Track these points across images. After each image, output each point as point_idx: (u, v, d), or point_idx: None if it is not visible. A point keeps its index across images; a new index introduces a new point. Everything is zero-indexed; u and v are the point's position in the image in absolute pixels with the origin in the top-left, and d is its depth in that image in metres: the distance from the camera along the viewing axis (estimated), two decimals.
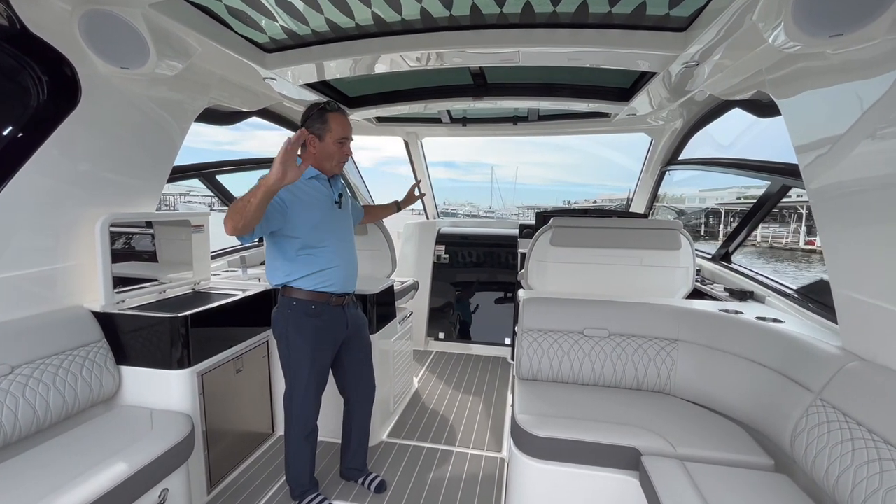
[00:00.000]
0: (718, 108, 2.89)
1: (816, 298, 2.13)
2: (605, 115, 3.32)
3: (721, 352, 2.02)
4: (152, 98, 2.05)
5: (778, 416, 1.64)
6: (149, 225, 2.32)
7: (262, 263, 3.09)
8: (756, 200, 2.82)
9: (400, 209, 2.58)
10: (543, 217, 4.04)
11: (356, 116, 3.32)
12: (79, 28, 1.61)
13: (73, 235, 1.94)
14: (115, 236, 2.03)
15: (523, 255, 3.85)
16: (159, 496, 1.69)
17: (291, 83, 2.45)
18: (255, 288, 2.52)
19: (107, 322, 1.97)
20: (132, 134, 2.06)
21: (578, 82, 2.81)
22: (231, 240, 3.53)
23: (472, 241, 4.45)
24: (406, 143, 4.41)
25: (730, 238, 3.19)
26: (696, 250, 2.66)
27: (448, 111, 3.57)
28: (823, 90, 1.47)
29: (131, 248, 2.27)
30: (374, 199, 5.09)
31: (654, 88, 2.45)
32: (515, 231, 4.46)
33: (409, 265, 4.44)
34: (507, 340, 4.22)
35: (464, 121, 3.84)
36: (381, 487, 2.20)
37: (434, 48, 2.00)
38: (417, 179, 2.62)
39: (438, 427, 2.85)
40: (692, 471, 1.52)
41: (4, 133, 1.66)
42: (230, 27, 1.91)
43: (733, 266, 3.05)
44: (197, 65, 2.05)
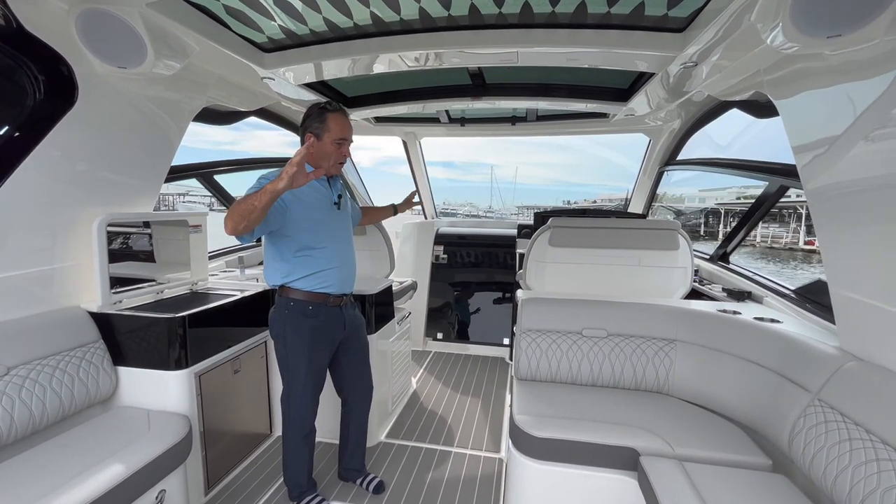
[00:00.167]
0: (716, 109, 2.90)
1: (814, 299, 2.13)
2: (603, 115, 3.32)
3: (719, 352, 2.02)
4: (150, 97, 2.04)
5: (776, 416, 1.64)
6: (146, 225, 2.31)
7: (260, 264, 3.08)
8: (754, 201, 2.83)
9: (397, 213, 2.61)
10: (542, 217, 4.04)
11: (354, 116, 3.32)
12: (76, 27, 1.61)
13: (69, 235, 1.93)
14: (112, 236, 2.03)
15: (521, 256, 3.84)
16: (157, 497, 1.68)
17: (289, 83, 2.44)
18: (253, 288, 2.51)
19: (104, 322, 1.96)
20: (129, 133, 2.05)
21: (577, 83, 2.81)
22: (229, 240, 3.53)
23: (470, 242, 4.45)
24: (404, 143, 4.40)
25: (728, 238, 3.19)
26: (695, 251, 2.66)
27: (446, 111, 3.57)
28: (821, 91, 1.47)
29: (128, 248, 2.26)
30: (373, 200, 5.09)
31: (653, 89, 2.45)
32: (514, 231, 4.46)
33: (407, 265, 4.43)
34: (506, 340, 4.22)
35: (462, 121, 3.84)
36: (380, 488, 2.20)
37: (433, 48, 2.00)
38: (417, 189, 2.64)
39: (437, 427, 2.85)
40: (690, 471, 1.53)
41: (1, 133, 1.65)
42: (228, 27, 1.90)
43: (731, 266, 3.05)
44: (195, 64, 2.04)
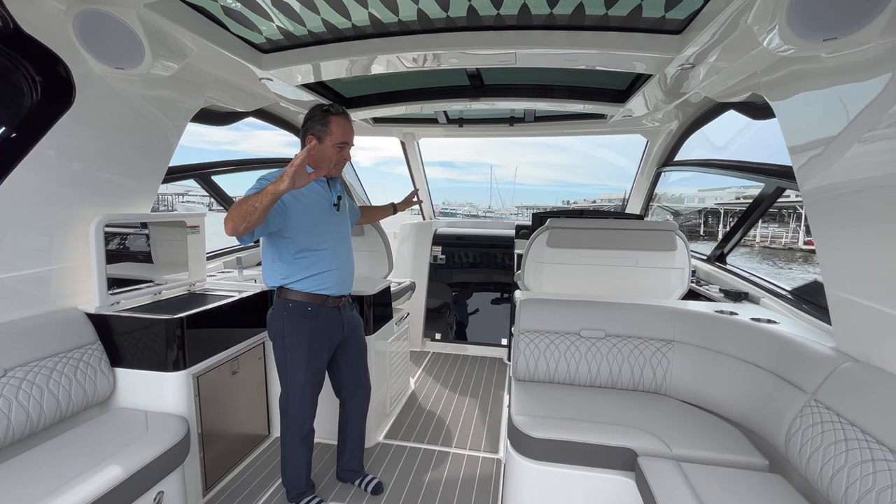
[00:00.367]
0: (713, 110, 2.91)
1: (810, 300, 2.14)
2: (601, 116, 3.33)
3: (716, 352, 2.03)
4: (147, 98, 2.04)
5: (772, 416, 1.65)
6: (144, 226, 2.31)
7: (258, 264, 3.08)
8: (752, 201, 2.84)
9: (396, 212, 2.59)
10: (540, 218, 4.04)
11: (353, 117, 3.31)
12: (73, 28, 1.60)
13: (67, 236, 1.92)
14: (109, 237, 2.02)
15: (519, 256, 3.85)
16: (155, 499, 1.68)
17: (288, 84, 2.44)
18: (251, 289, 2.51)
19: (101, 324, 1.95)
20: (127, 134, 2.05)
21: (575, 84, 2.82)
22: (227, 241, 3.53)
23: (468, 242, 4.45)
24: (403, 144, 4.41)
25: (725, 239, 3.21)
26: (692, 251, 2.67)
27: (445, 112, 3.57)
28: (817, 93, 1.48)
29: (126, 249, 2.25)
30: (372, 200, 5.08)
31: (650, 90, 2.46)
32: (512, 232, 4.46)
33: (405, 266, 4.43)
34: (504, 341, 4.22)
35: (460, 122, 3.84)
36: (378, 489, 2.20)
37: (431, 49, 2.00)
38: (416, 188, 2.63)
39: (435, 428, 2.85)
40: (688, 471, 1.53)
41: None
42: (226, 27, 1.90)
43: (728, 267, 3.06)
44: (192, 65, 2.04)
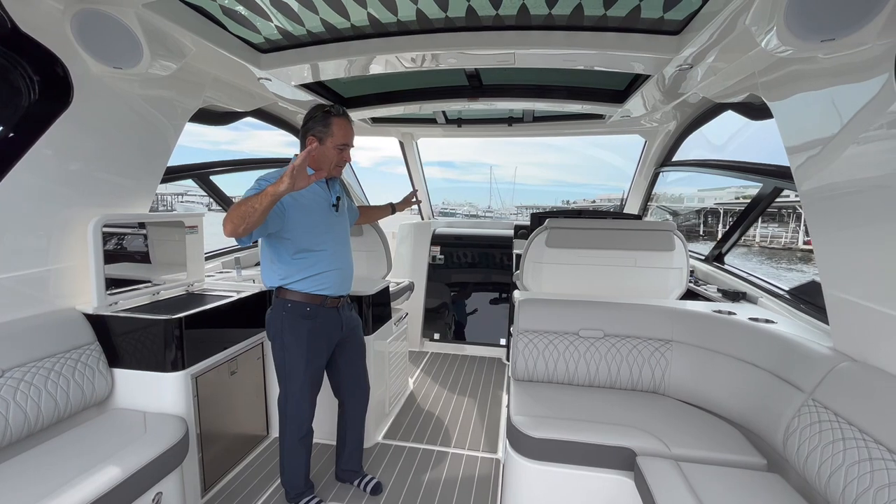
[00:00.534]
0: (711, 111, 2.92)
1: (808, 299, 2.15)
2: (599, 116, 3.33)
3: (714, 352, 2.04)
4: (145, 98, 2.03)
5: (770, 416, 1.66)
6: (142, 226, 2.30)
7: (257, 265, 3.08)
8: (750, 201, 2.85)
9: (395, 212, 2.58)
10: (538, 218, 4.05)
11: (351, 117, 3.31)
12: (71, 27, 1.60)
13: (65, 236, 1.92)
14: (107, 237, 2.01)
15: (518, 256, 3.85)
16: (153, 500, 1.67)
17: (286, 84, 2.44)
18: (250, 289, 2.50)
19: (99, 324, 1.95)
20: (125, 134, 2.04)
21: (573, 84, 2.82)
22: (226, 241, 3.52)
23: (467, 242, 4.45)
24: (401, 144, 4.41)
25: (723, 239, 3.22)
26: (690, 251, 2.67)
27: (443, 112, 3.57)
28: (815, 93, 1.48)
29: (124, 249, 2.25)
30: (371, 200, 5.08)
31: (648, 91, 2.46)
32: (510, 232, 4.46)
33: (404, 266, 4.43)
34: (502, 341, 4.22)
35: (459, 122, 3.84)
36: (377, 489, 2.20)
37: (429, 49, 2.00)
38: (415, 189, 2.62)
39: (434, 428, 2.85)
40: (686, 471, 1.54)
41: None
42: (224, 27, 1.90)
43: (726, 267, 3.07)
44: (191, 65, 2.04)
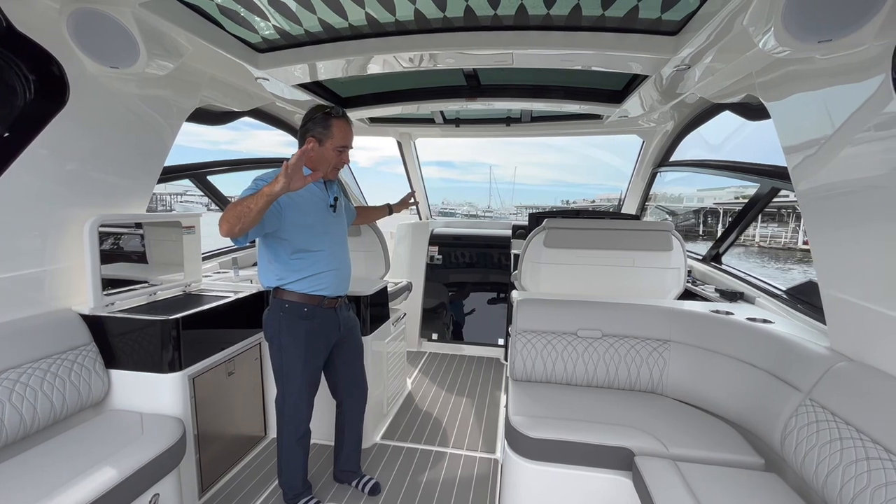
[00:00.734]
0: (709, 111, 2.92)
1: (805, 299, 2.15)
2: (597, 116, 3.34)
3: (712, 352, 2.04)
4: (142, 97, 2.03)
5: (768, 415, 1.66)
6: (139, 226, 2.29)
7: (254, 265, 3.06)
8: (747, 201, 2.85)
9: (392, 212, 2.56)
10: (536, 218, 4.05)
11: (349, 117, 3.31)
12: (67, 27, 1.59)
13: (60, 236, 1.90)
14: (103, 237, 2.00)
15: (516, 256, 3.85)
16: (150, 501, 1.66)
17: (284, 83, 2.43)
18: (247, 290, 2.50)
19: (95, 325, 1.94)
20: (122, 134, 2.03)
21: (571, 84, 2.82)
22: (223, 241, 3.50)
23: (465, 242, 4.45)
24: (399, 144, 4.40)
25: (720, 239, 3.22)
26: (688, 251, 2.68)
27: (441, 112, 3.57)
28: (812, 94, 1.49)
29: (121, 250, 2.24)
30: (370, 200, 5.07)
31: (646, 91, 2.47)
32: (508, 232, 4.46)
33: (402, 266, 4.43)
34: (500, 341, 4.22)
35: (457, 122, 3.84)
36: (375, 490, 2.19)
37: (427, 49, 2.00)
38: (413, 190, 2.61)
39: (432, 428, 2.85)
40: (684, 470, 1.54)
41: None
42: (222, 27, 1.89)
43: (723, 267, 3.08)
44: (188, 64, 2.03)
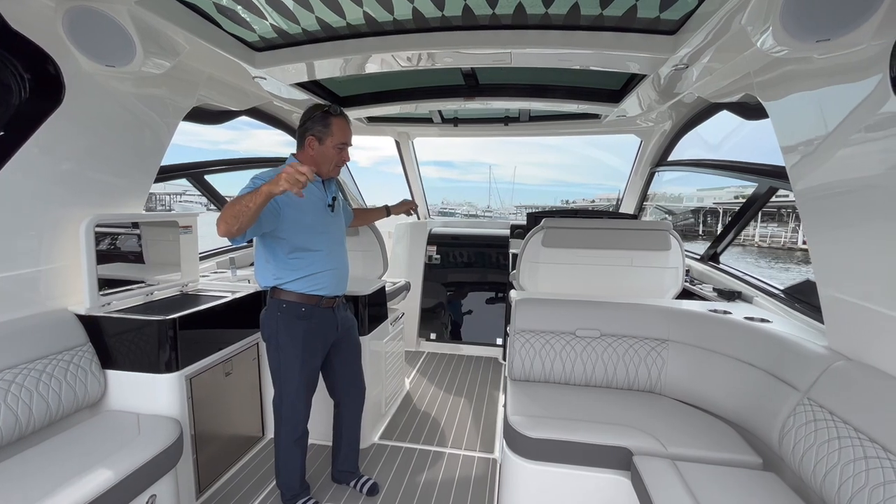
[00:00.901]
0: (707, 111, 2.92)
1: (803, 298, 2.16)
2: (595, 116, 3.34)
3: (710, 351, 2.04)
4: (138, 96, 2.01)
5: (766, 414, 1.66)
6: (135, 226, 2.28)
7: (252, 265, 3.05)
8: (745, 201, 2.86)
9: (389, 214, 2.52)
10: (534, 218, 4.05)
11: (347, 115, 3.30)
12: (62, 25, 1.58)
13: (56, 236, 1.89)
14: (100, 237, 1.99)
15: (514, 256, 3.85)
16: (147, 502, 1.65)
17: (281, 82, 2.42)
18: (245, 289, 2.49)
19: (92, 325, 1.93)
20: (118, 133, 2.02)
21: (569, 84, 2.82)
22: (220, 241, 3.49)
23: (463, 242, 4.45)
24: (397, 143, 4.40)
25: (718, 238, 3.23)
26: (686, 251, 2.68)
27: (439, 111, 3.57)
28: (810, 93, 1.49)
29: (118, 249, 2.22)
30: (370, 200, 5.07)
31: (644, 90, 2.47)
32: (506, 231, 4.46)
33: (400, 266, 4.42)
34: (499, 341, 4.22)
35: (455, 121, 3.83)
36: (374, 490, 2.19)
37: (426, 48, 1.99)
38: (414, 203, 2.54)
39: (430, 428, 2.84)
40: (683, 470, 1.54)
41: None
42: (219, 25, 1.88)
43: (721, 266, 3.09)
44: (185, 63, 2.02)
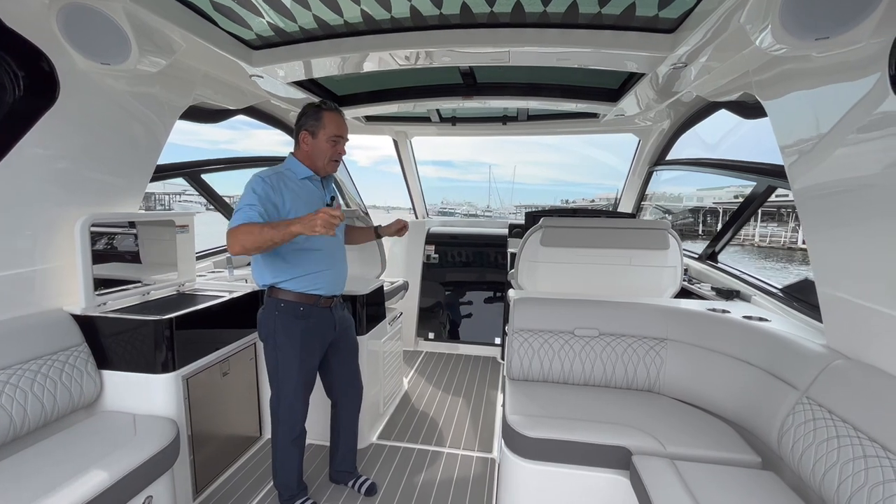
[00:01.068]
0: (705, 110, 2.92)
1: (801, 297, 2.16)
2: (593, 115, 3.34)
3: (709, 350, 2.04)
4: (134, 95, 2.00)
5: (765, 413, 1.66)
6: (132, 225, 2.26)
7: (249, 264, 3.04)
8: (743, 200, 2.86)
9: (379, 237, 2.41)
10: (533, 217, 4.05)
11: (344, 113, 3.29)
12: (57, 22, 1.56)
13: (51, 236, 1.88)
14: (96, 236, 1.98)
15: (513, 255, 3.85)
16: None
17: (278, 81, 2.41)
18: (242, 289, 2.47)
19: (87, 325, 1.91)
20: (113, 131, 2.01)
21: (567, 83, 2.82)
22: (218, 240, 3.48)
23: (461, 241, 4.44)
24: (395, 143, 4.39)
25: (716, 237, 3.23)
26: (684, 250, 2.68)
27: (437, 110, 3.56)
28: (808, 92, 1.49)
29: (114, 249, 2.21)
30: (368, 200, 5.05)
31: (642, 89, 2.46)
32: (505, 231, 4.46)
33: (398, 265, 4.42)
34: (497, 340, 4.22)
35: (453, 120, 3.83)
36: (372, 490, 2.18)
37: (423, 47, 1.98)
38: (406, 224, 2.32)
39: (429, 428, 2.83)
40: (682, 469, 1.54)
41: None
42: (215, 23, 1.87)
43: (719, 265, 3.09)
44: (181, 61, 2.01)
